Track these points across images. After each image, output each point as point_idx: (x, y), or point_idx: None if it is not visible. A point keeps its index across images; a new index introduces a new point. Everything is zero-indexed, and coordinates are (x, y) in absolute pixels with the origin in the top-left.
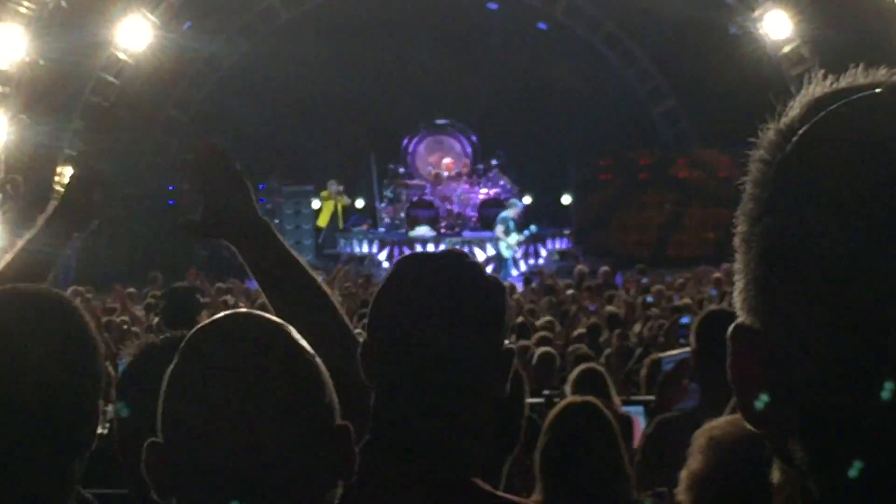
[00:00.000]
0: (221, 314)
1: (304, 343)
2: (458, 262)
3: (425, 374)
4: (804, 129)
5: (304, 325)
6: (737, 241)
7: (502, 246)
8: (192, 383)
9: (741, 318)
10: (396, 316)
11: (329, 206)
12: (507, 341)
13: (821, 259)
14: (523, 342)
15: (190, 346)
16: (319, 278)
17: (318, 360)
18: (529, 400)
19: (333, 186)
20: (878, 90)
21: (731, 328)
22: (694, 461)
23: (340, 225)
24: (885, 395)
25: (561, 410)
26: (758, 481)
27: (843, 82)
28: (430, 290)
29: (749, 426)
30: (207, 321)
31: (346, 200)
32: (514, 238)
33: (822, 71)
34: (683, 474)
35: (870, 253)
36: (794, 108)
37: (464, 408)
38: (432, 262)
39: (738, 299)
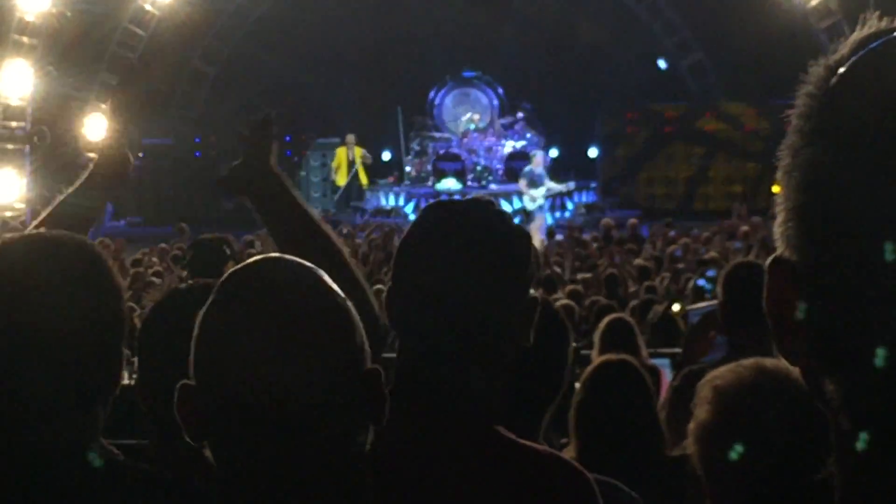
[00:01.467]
0: (253, 259)
1: (335, 286)
2: (484, 210)
3: (448, 320)
4: (849, 62)
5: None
6: (779, 174)
7: (526, 200)
8: (225, 326)
9: (780, 250)
10: (420, 261)
11: (344, 163)
12: (532, 291)
13: (861, 191)
14: (548, 295)
15: (222, 290)
16: (333, 233)
17: (349, 303)
18: None
19: (350, 139)
20: None
21: (769, 260)
22: (701, 411)
23: (365, 182)
24: None
25: (597, 367)
26: (761, 429)
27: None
28: (454, 237)
29: (784, 361)
30: (239, 266)
31: (367, 158)
32: (542, 191)
33: (877, 13)
34: (691, 426)
35: None
36: (844, 47)
37: (486, 354)
38: (457, 208)
39: (777, 232)
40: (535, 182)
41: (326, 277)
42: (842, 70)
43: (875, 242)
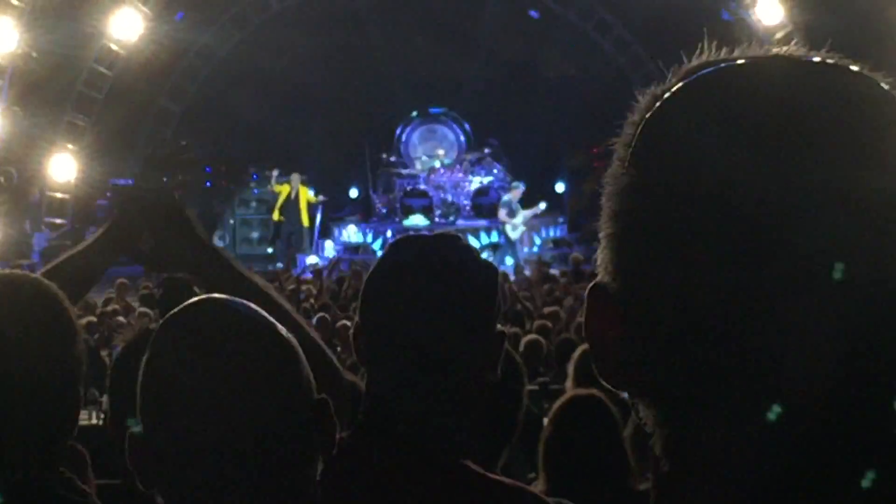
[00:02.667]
0: (192, 300)
1: (273, 320)
2: (451, 245)
3: (415, 355)
4: (670, 92)
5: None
6: (602, 200)
7: (507, 229)
8: (166, 369)
9: (600, 276)
10: (387, 296)
11: (282, 200)
12: (500, 326)
13: (664, 222)
14: (514, 329)
15: (161, 333)
16: (274, 292)
17: (291, 336)
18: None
19: (295, 180)
20: (742, 61)
21: (588, 287)
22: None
23: (306, 221)
24: (725, 355)
25: (565, 403)
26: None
27: (723, 55)
28: (420, 272)
29: (604, 384)
30: (177, 308)
31: (311, 195)
32: (521, 218)
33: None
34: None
35: (715, 216)
36: (674, 75)
37: (454, 390)
38: (424, 243)
39: (598, 259)
40: (513, 212)
41: (264, 313)
42: (662, 98)
43: (676, 274)
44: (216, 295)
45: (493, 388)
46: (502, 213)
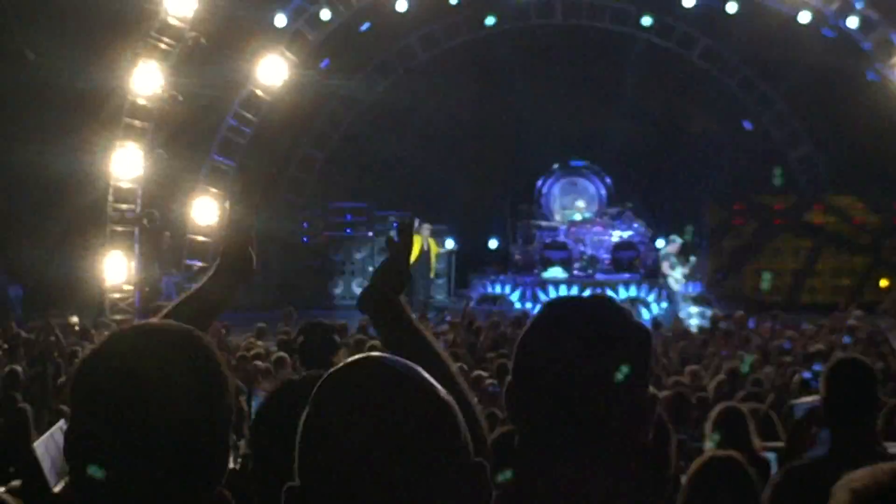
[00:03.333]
0: (352, 359)
1: (434, 382)
2: (605, 307)
3: (570, 417)
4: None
5: None
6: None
7: (671, 281)
8: (328, 430)
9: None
10: (543, 358)
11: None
12: (650, 388)
13: None
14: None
15: (323, 392)
16: (443, 351)
17: (450, 398)
18: None
19: (425, 231)
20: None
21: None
22: None
23: (433, 273)
24: None
25: (704, 463)
26: None
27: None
28: (577, 335)
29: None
30: (339, 367)
31: (437, 247)
32: (680, 271)
33: None
34: None
35: None
36: None
37: (607, 451)
38: (579, 306)
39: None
40: (674, 265)
41: (426, 375)
42: None
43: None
44: (375, 353)
45: (645, 450)
46: (665, 266)
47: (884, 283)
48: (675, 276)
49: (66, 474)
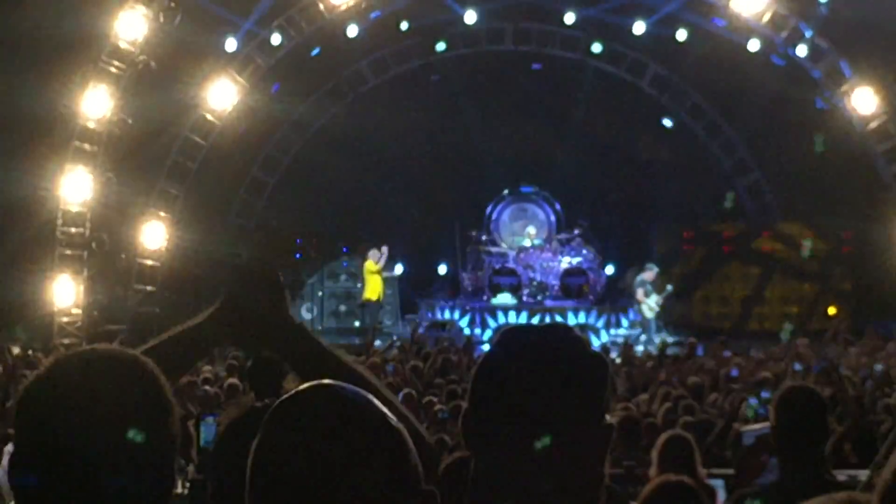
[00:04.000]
0: (304, 386)
1: (386, 411)
2: (564, 336)
3: (526, 445)
4: None
5: None
6: None
7: (644, 308)
8: (279, 456)
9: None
10: (499, 386)
11: (376, 278)
12: (607, 417)
13: None
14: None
15: (275, 419)
16: (361, 369)
17: (401, 426)
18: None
19: (376, 256)
20: None
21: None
22: None
23: (370, 294)
24: None
25: (655, 488)
26: None
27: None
28: (533, 364)
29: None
30: (290, 394)
31: (385, 271)
32: (654, 299)
33: None
34: None
35: None
36: None
37: (564, 479)
38: (536, 335)
39: None
40: (648, 292)
41: (376, 401)
42: None
43: None
44: (326, 381)
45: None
46: (639, 294)
47: (832, 310)
48: (650, 303)
49: (11, 498)
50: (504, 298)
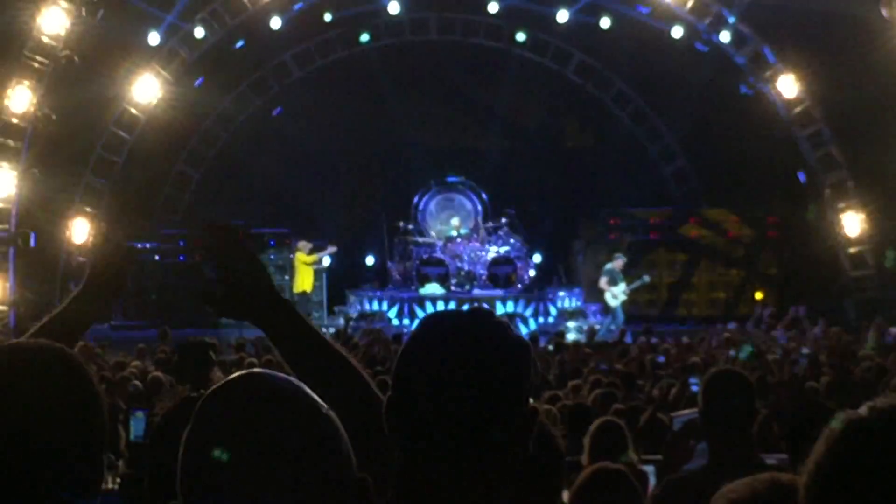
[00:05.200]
0: (234, 375)
1: (316, 399)
2: (484, 320)
3: (449, 432)
4: None
5: (333, 399)
6: None
7: (608, 297)
8: (209, 445)
9: None
10: (420, 373)
11: (307, 270)
12: (531, 401)
13: None
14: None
15: (205, 408)
16: (344, 351)
17: (332, 413)
18: None
19: (307, 247)
20: None
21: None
22: None
23: (299, 287)
24: None
25: (591, 475)
26: None
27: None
28: (454, 349)
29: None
30: (221, 383)
31: (307, 257)
32: (622, 288)
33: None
34: None
35: None
36: None
37: (488, 466)
38: (458, 320)
39: None
40: (615, 280)
41: (307, 390)
42: None
43: None
44: (256, 370)
45: (528, 463)
46: (603, 282)
47: (759, 295)
48: (615, 291)
49: None
50: (432, 288)
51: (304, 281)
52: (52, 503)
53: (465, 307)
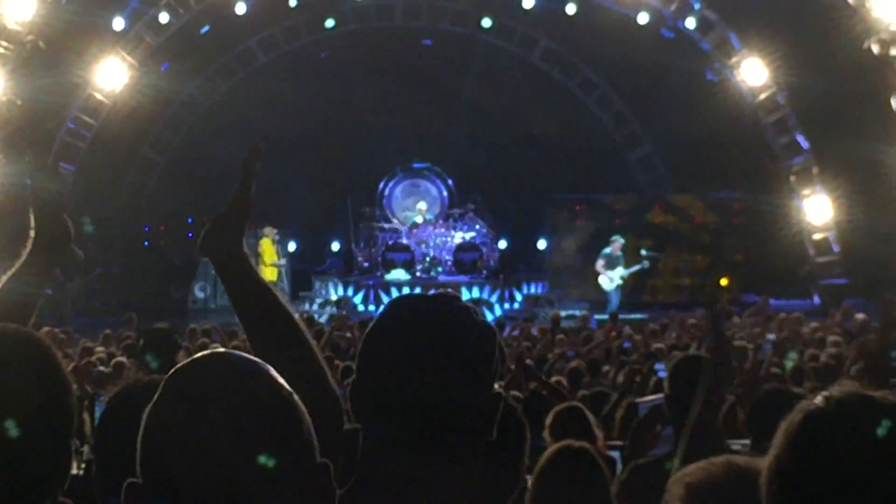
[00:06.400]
0: (199, 354)
1: (281, 381)
2: (449, 305)
3: (413, 416)
4: None
5: (281, 363)
6: None
7: (602, 280)
8: (171, 423)
9: None
10: (385, 357)
11: (271, 252)
12: (496, 386)
13: None
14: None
15: (168, 387)
16: (297, 316)
17: (295, 397)
18: None
19: (272, 233)
20: None
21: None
22: None
23: (275, 277)
24: None
25: (556, 453)
26: None
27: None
28: (419, 333)
29: (755, 459)
30: (185, 361)
31: (272, 246)
32: (618, 272)
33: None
34: None
35: None
36: None
37: (451, 450)
38: (423, 304)
39: None
40: (612, 264)
41: (273, 372)
42: None
43: None
44: (220, 350)
45: (492, 447)
46: (599, 265)
47: (724, 281)
48: (610, 275)
49: None
50: (397, 274)
51: (267, 271)
52: (21, 488)
53: (431, 292)
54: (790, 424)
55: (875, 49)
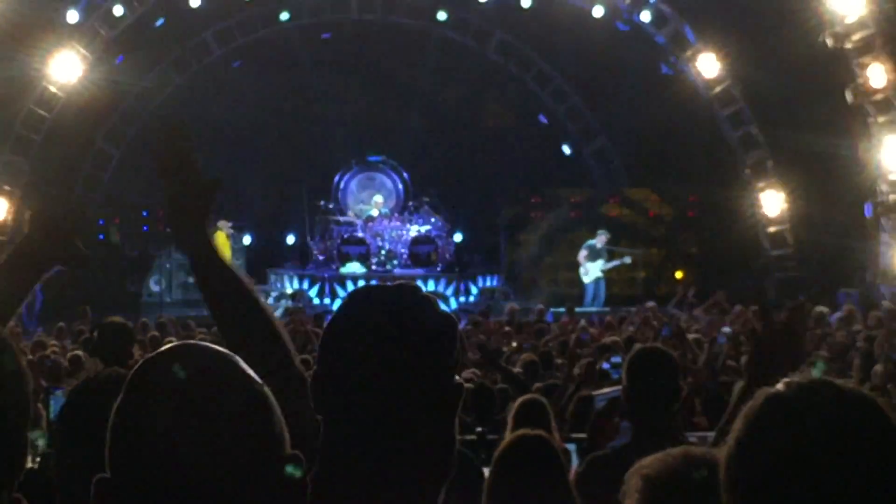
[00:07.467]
0: (168, 346)
1: (251, 372)
2: (410, 296)
3: (373, 407)
4: None
5: (247, 349)
6: None
7: (581, 272)
8: (140, 416)
9: None
10: (346, 348)
11: (225, 245)
12: (456, 377)
13: None
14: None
15: (137, 379)
16: (264, 300)
17: (266, 389)
18: (462, 437)
19: (226, 226)
20: None
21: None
22: (630, 501)
23: None
24: None
25: (514, 441)
26: None
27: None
28: (381, 323)
29: (712, 449)
30: (154, 353)
31: (227, 241)
32: (599, 265)
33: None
34: None
35: None
36: None
37: (412, 443)
38: (384, 294)
39: None
40: (594, 256)
41: (241, 363)
42: None
43: None
44: (191, 341)
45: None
46: (581, 256)
47: (679, 274)
48: (588, 267)
49: None
50: (353, 267)
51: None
52: None
53: (391, 283)
54: (750, 408)
55: (829, 42)
